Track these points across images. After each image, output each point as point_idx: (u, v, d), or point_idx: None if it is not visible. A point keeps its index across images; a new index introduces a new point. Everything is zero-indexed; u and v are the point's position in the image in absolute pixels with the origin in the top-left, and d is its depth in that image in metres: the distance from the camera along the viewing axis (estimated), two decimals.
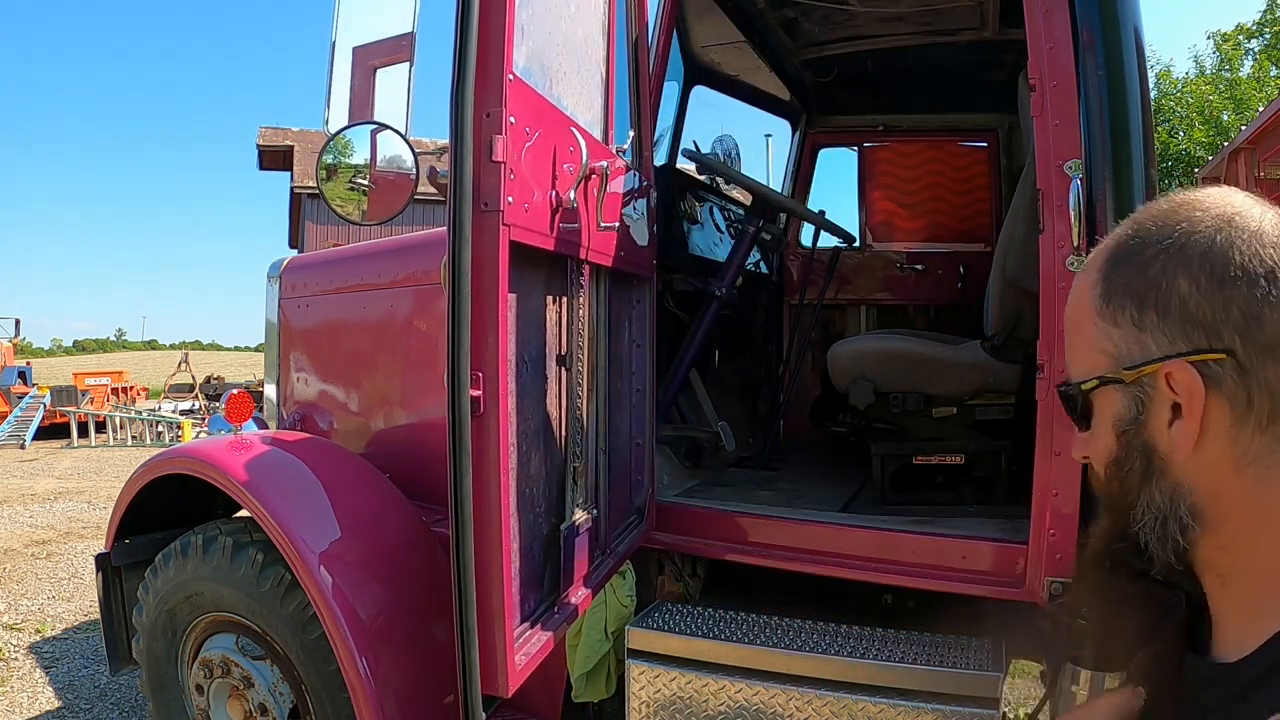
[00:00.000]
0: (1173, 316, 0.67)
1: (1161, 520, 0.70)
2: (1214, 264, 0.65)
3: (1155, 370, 0.68)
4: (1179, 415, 0.68)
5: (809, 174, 4.31)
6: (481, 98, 1.46)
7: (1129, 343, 0.70)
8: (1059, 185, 1.76)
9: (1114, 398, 0.73)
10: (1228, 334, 0.66)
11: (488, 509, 1.51)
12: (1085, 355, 0.75)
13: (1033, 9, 1.82)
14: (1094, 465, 0.79)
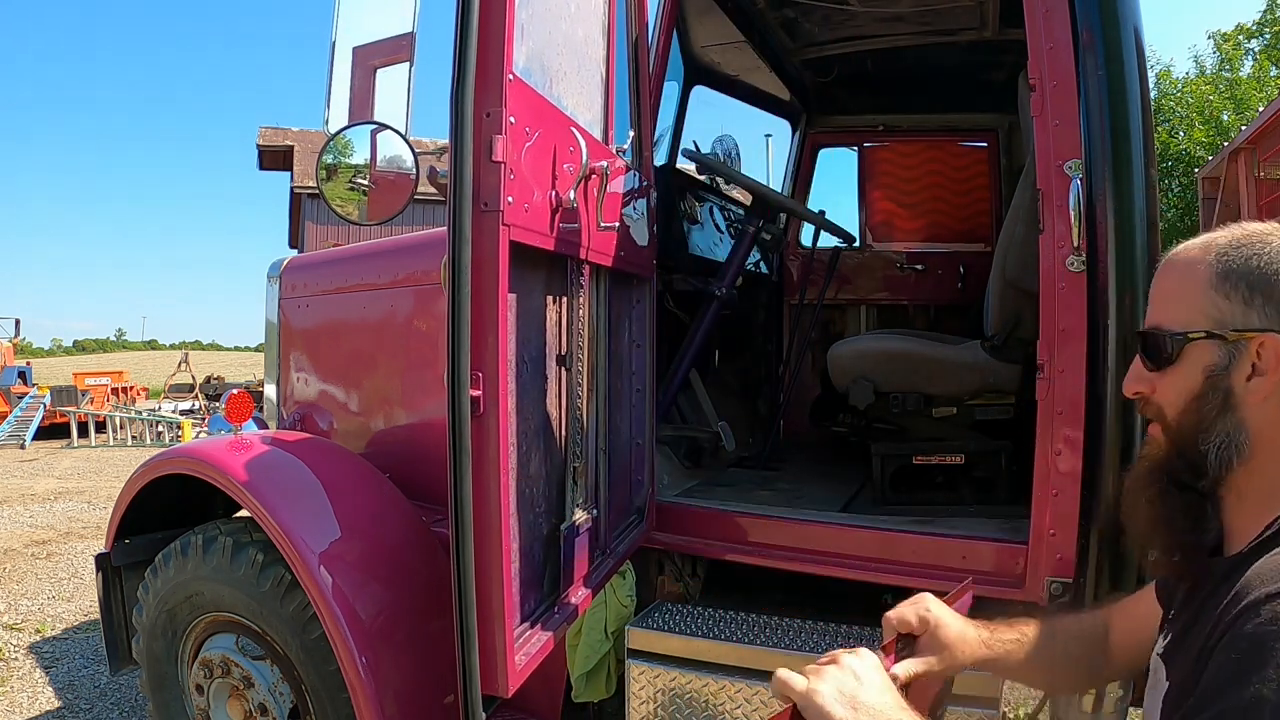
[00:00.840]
0: (1274, 302, 0.91)
1: (1225, 443, 0.94)
2: None
3: (1252, 337, 0.92)
4: (1257, 373, 0.92)
5: (809, 174, 4.31)
6: (481, 98, 1.46)
7: (1235, 313, 0.93)
8: (1059, 185, 1.76)
9: (1211, 350, 0.95)
10: None
11: (488, 509, 1.51)
12: (1186, 313, 0.97)
13: (1033, 9, 1.82)
14: (1161, 400, 1.01)
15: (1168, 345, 0.98)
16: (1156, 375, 1.01)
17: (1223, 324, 0.94)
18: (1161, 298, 1.02)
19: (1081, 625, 1.30)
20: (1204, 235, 0.99)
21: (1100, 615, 1.30)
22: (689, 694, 2.06)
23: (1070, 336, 1.74)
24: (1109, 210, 1.65)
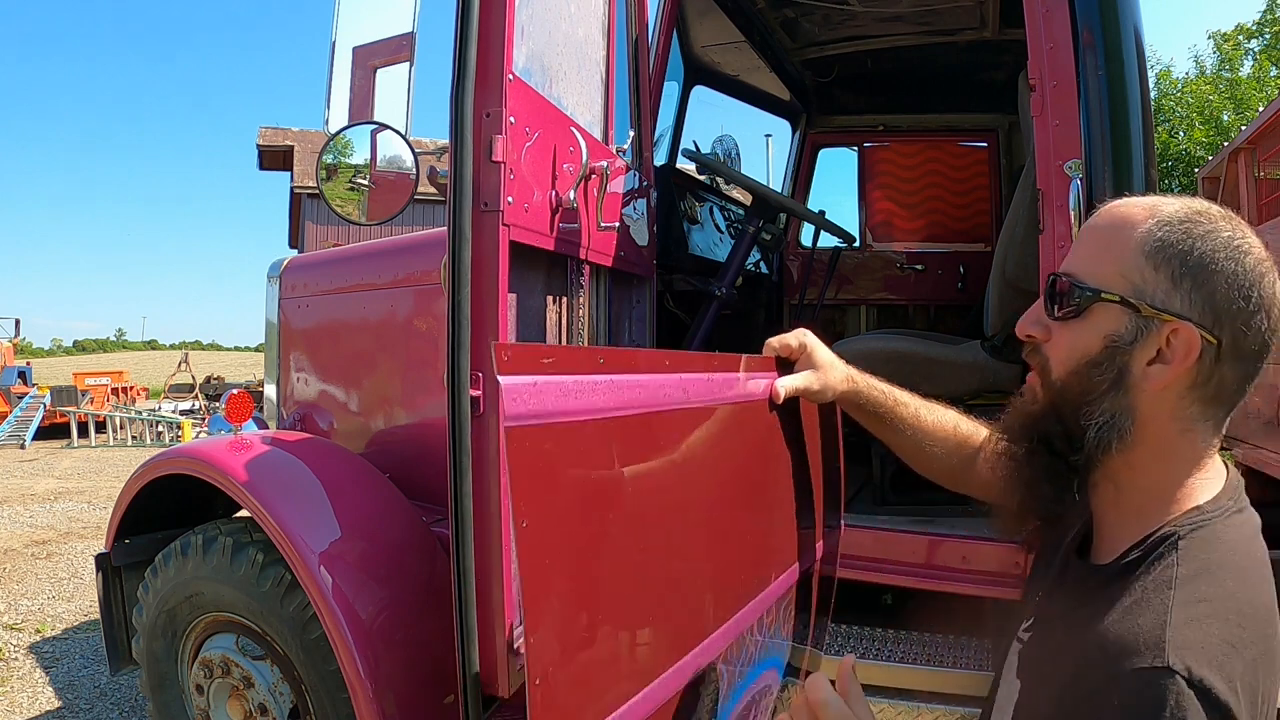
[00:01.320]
0: (1202, 293, 0.82)
1: (1107, 423, 0.87)
2: (1246, 285, 0.82)
3: (1167, 320, 0.83)
4: (1160, 360, 0.84)
5: (809, 174, 4.31)
6: (481, 98, 1.46)
7: (1159, 289, 0.84)
8: (1059, 185, 1.76)
9: (1120, 317, 0.86)
10: (1227, 331, 0.83)
11: (487, 509, 1.51)
12: (1109, 271, 0.87)
13: (1033, 9, 1.82)
14: (1052, 352, 0.93)
15: (1076, 296, 0.89)
16: (1055, 324, 0.92)
17: (1141, 295, 0.85)
18: (1086, 245, 0.92)
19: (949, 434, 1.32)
20: (1156, 197, 0.90)
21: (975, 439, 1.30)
22: None
23: None
24: None
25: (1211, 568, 0.80)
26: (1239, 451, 3.22)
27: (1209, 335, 0.82)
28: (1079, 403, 0.89)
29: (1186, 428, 0.86)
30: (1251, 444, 3.07)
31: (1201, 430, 0.87)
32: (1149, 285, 0.84)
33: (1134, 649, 0.75)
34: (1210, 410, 0.86)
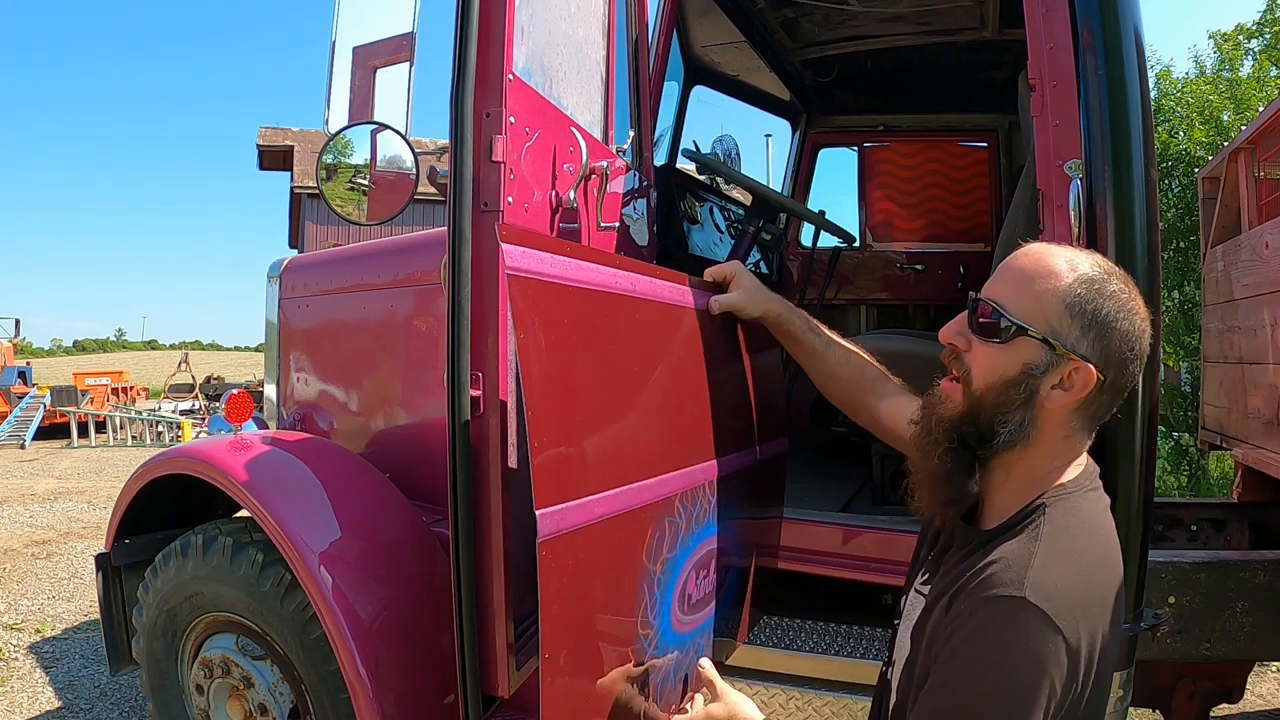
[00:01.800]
0: (1100, 344, 1.06)
1: (1016, 429, 1.09)
2: (1132, 339, 1.08)
3: (1073, 359, 1.06)
4: (1062, 387, 1.07)
5: (809, 174, 4.31)
6: (481, 98, 1.46)
7: (1071, 335, 1.06)
8: (1059, 185, 1.76)
9: (1038, 350, 1.07)
10: (1113, 372, 1.07)
11: (488, 509, 1.51)
12: (1032, 310, 1.08)
13: (1033, 9, 1.82)
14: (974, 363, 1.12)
15: (1002, 325, 1.09)
16: (977, 340, 1.12)
17: (1057, 336, 1.06)
18: (1013, 283, 1.11)
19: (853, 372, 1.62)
20: (1071, 250, 1.12)
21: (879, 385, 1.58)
22: None
23: None
24: (1109, 210, 1.65)
25: (1070, 528, 1.05)
26: (1239, 451, 3.22)
27: (1100, 373, 1.06)
28: (995, 411, 1.10)
29: (1068, 434, 1.11)
30: (1251, 444, 3.07)
31: (1078, 436, 1.12)
32: (1064, 330, 1.06)
33: (1000, 583, 0.98)
34: (1086, 423, 1.12)
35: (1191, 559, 2.21)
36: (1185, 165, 8.13)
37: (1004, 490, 1.13)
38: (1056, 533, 1.04)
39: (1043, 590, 0.95)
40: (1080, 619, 0.96)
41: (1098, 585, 1.02)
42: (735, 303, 1.71)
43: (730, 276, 1.74)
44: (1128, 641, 1.69)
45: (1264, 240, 2.96)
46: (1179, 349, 8.42)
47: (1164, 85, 9.50)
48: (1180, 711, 2.51)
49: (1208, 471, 7.70)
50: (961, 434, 1.12)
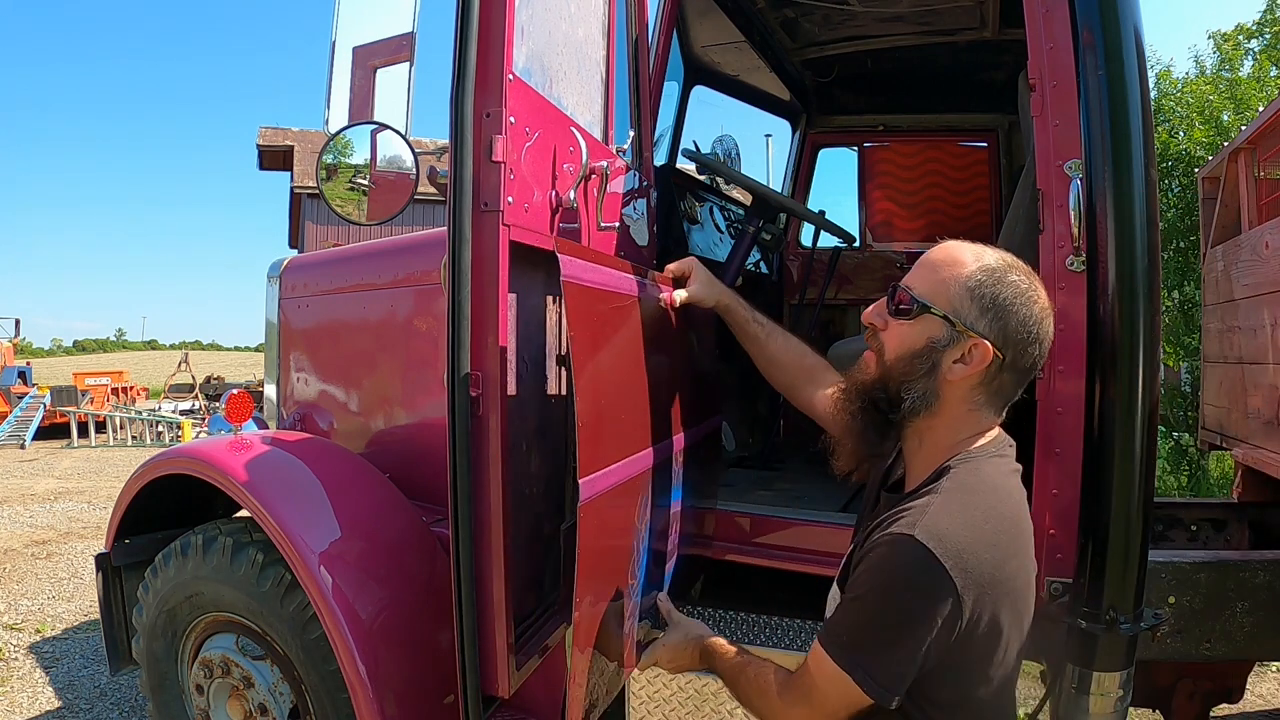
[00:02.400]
0: (998, 324, 1.21)
1: (920, 396, 1.25)
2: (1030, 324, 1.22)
3: (972, 336, 1.21)
4: (962, 361, 1.23)
5: (809, 174, 4.31)
6: (481, 98, 1.46)
7: (971, 314, 1.22)
8: (1059, 185, 1.76)
9: (940, 327, 1.23)
10: (1011, 351, 1.22)
11: (487, 509, 1.51)
12: (938, 293, 1.24)
13: (1033, 9, 1.82)
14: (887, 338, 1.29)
15: (913, 305, 1.25)
16: (892, 320, 1.28)
17: (958, 315, 1.22)
18: (924, 270, 1.27)
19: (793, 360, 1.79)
20: (982, 247, 1.27)
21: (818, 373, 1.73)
22: (689, 694, 2.06)
23: (1070, 336, 1.74)
24: (1109, 210, 1.65)
25: (970, 485, 1.20)
26: (1239, 451, 3.22)
27: (998, 351, 1.21)
28: (902, 379, 1.26)
29: (973, 408, 1.26)
30: (1251, 444, 3.07)
31: (983, 411, 1.27)
32: (965, 310, 1.22)
33: (899, 528, 1.14)
34: (991, 400, 1.27)
35: (1191, 559, 2.21)
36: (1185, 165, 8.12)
37: (919, 458, 1.31)
38: (955, 488, 1.20)
39: (932, 532, 1.12)
40: (966, 560, 1.11)
41: (989, 534, 1.15)
42: (696, 295, 1.85)
43: (688, 271, 1.88)
44: (1128, 641, 1.69)
45: (1264, 240, 2.96)
46: (1179, 349, 8.41)
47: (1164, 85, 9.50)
48: (1180, 711, 2.51)
49: (1208, 471, 7.70)
50: (874, 397, 1.30)
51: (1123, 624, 1.67)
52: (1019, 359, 1.23)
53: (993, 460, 1.25)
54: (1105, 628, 1.66)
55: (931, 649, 1.12)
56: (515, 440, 1.59)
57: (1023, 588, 1.19)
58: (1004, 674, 1.20)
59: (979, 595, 1.11)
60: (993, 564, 1.13)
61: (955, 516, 1.14)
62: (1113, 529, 1.66)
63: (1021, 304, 1.22)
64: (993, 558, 1.13)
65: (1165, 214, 7.97)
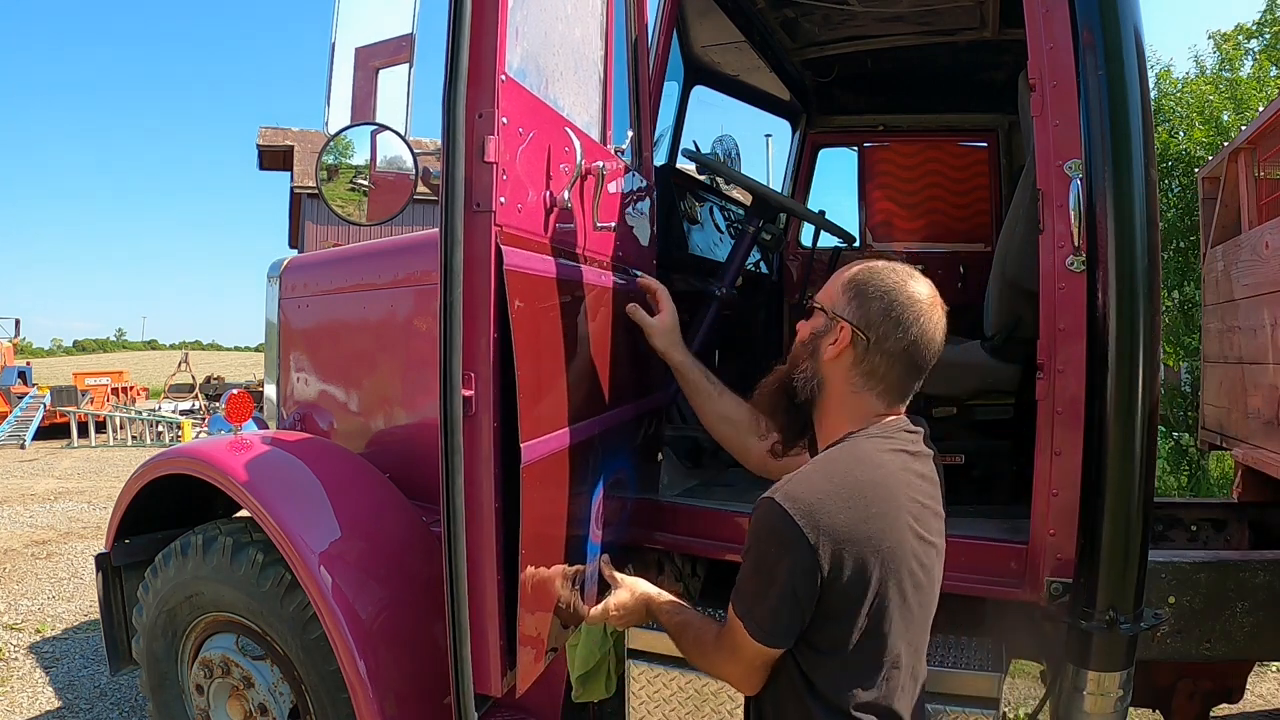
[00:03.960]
0: (861, 310, 1.40)
1: (807, 379, 1.46)
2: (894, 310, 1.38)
3: (839, 320, 1.41)
4: (834, 342, 1.41)
5: (809, 174, 4.31)
6: (474, 99, 1.47)
7: (840, 304, 1.42)
8: (1059, 185, 1.76)
9: (820, 319, 1.45)
10: (872, 333, 1.39)
11: (480, 508, 1.52)
12: (824, 294, 1.47)
13: (1033, 9, 1.82)
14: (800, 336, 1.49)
15: (812, 310, 1.48)
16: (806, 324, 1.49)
17: (832, 307, 1.43)
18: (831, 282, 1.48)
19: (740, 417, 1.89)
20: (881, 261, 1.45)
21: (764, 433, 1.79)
22: (689, 694, 2.06)
23: (1070, 336, 1.74)
24: (1109, 210, 1.65)
25: (835, 456, 1.37)
26: (1239, 451, 3.22)
27: (862, 332, 1.38)
28: (794, 365, 1.48)
29: (855, 390, 1.42)
30: (1251, 444, 3.07)
31: (866, 395, 1.42)
32: (839, 303, 1.42)
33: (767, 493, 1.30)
34: (869, 381, 1.41)
35: (1191, 559, 2.21)
36: (1185, 165, 8.12)
37: (820, 441, 1.48)
38: (821, 459, 1.39)
39: (789, 495, 1.28)
40: (818, 516, 1.25)
41: (843, 495, 1.28)
42: (650, 330, 1.99)
43: (658, 301, 2.03)
44: (1128, 641, 1.69)
45: (1264, 240, 2.96)
46: (1179, 349, 8.41)
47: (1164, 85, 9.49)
48: (1180, 711, 2.51)
49: (1208, 471, 7.69)
50: (784, 382, 1.50)
51: (1123, 624, 1.67)
52: (885, 341, 1.38)
53: (873, 439, 1.38)
54: (1105, 628, 1.66)
55: (800, 597, 1.27)
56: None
57: (894, 548, 1.29)
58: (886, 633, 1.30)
59: (835, 548, 1.25)
60: (848, 521, 1.26)
61: (811, 480, 1.31)
62: (1113, 529, 1.66)
63: (884, 292, 1.39)
64: (848, 516, 1.26)
65: (1165, 214, 7.97)
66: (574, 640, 2.24)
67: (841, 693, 1.30)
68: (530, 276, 1.59)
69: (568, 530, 1.73)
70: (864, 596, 1.27)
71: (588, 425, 1.80)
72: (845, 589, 1.26)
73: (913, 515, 1.34)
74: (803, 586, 1.26)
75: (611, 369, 1.97)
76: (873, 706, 1.31)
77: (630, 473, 2.15)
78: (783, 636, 1.30)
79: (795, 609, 1.28)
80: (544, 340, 1.65)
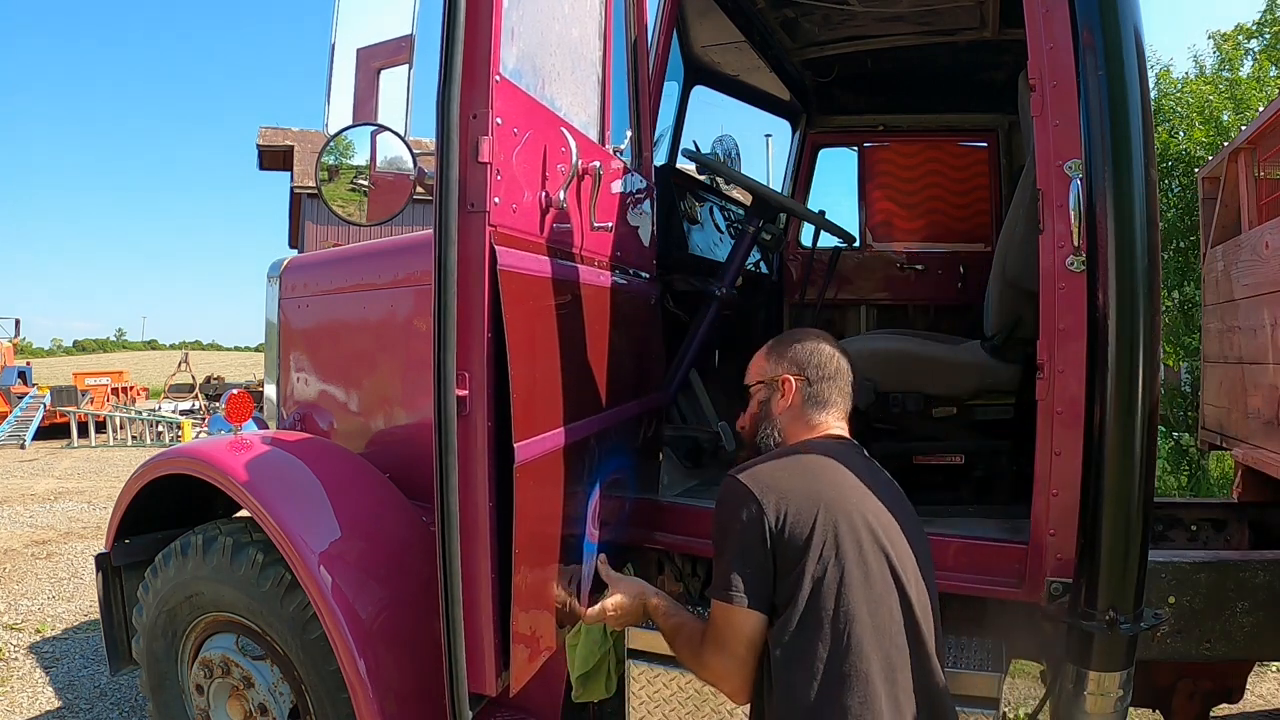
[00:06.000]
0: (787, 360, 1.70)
1: (770, 432, 1.68)
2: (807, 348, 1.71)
3: (778, 378, 1.69)
4: (781, 395, 1.68)
5: (809, 174, 4.31)
6: (468, 99, 1.47)
7: (771, 369, 1.71)
8: (1059, 185, 1.76)
9: (763, 390, 1.72)
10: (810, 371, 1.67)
11: (474, 508, 1.52)
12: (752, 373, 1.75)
13: (1033, 9, 1.82)
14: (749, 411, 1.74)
15: (749, 390, 1.75)
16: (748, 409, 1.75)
17: (765, 374, 1.71)
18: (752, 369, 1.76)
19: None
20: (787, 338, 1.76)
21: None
22: (689, 694, 2.06)
23: (1070, 336, 1.74)
24: (1109, 210, 1.65)
25: (788, 452, 1.59)
26: (1239, 451, 3.22)
27: (800, 374, 1.67)
28: (755, 432, 1.72)
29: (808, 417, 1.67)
30: (1251, 444, 3.07)
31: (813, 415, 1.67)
32: (769, 368, 1.72)
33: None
34: (817, 408, 1.67)
35: (1191, 559, 2.21)
36: (1185, 165, 8.12)
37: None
38: (775, 455, 1.60)
39: (747, 471, 1.50)
40: (762, 478, 1.47)
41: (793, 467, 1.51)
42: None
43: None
44: (1128, 641, 1.69)
45: (1264, 240, 2.95)
46: (1179, 349, 8.41)
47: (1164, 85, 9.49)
48: (1180, 711, 2.50)
49: (1208, 471, 7.69)
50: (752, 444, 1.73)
51: (1123, 624, 1.67)
52: (819, 373, 1.67)
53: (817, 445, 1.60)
54: (1105, 628, 1.66)
55: (753, 551, 1.41)
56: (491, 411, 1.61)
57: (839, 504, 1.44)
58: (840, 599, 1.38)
59: (779, 499, 1.42)
60: (794, 484, 1.46)
61: (767, 465, 1.52)
62: (1113, 529, 1.66)
63: (792, 340, 1.72)
64: (796, 481, 1.46)
65: (1165, 214, 7.96)
66: (574, 640, 2.24)
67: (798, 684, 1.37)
68: (525, 277, 1.60)
69: (563, 530, 1.74)
70: (809, 544, 1.40)
71: (584, 425, 1.81)
72: (792, 542, 1.40)
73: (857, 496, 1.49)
74: (755, 542, 1.41)
75: (608, 369, 1.97)
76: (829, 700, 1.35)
77: (629, 473, 2.15)
78: (745, 594, 1.41)
79: (752, 563, 1.42)
80: (539, 340, 1.66)
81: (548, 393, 1.69)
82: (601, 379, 1.95)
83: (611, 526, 2.03)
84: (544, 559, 1.68)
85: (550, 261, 1.73)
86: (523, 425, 1.53)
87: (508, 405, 1.53)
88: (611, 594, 1.74)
